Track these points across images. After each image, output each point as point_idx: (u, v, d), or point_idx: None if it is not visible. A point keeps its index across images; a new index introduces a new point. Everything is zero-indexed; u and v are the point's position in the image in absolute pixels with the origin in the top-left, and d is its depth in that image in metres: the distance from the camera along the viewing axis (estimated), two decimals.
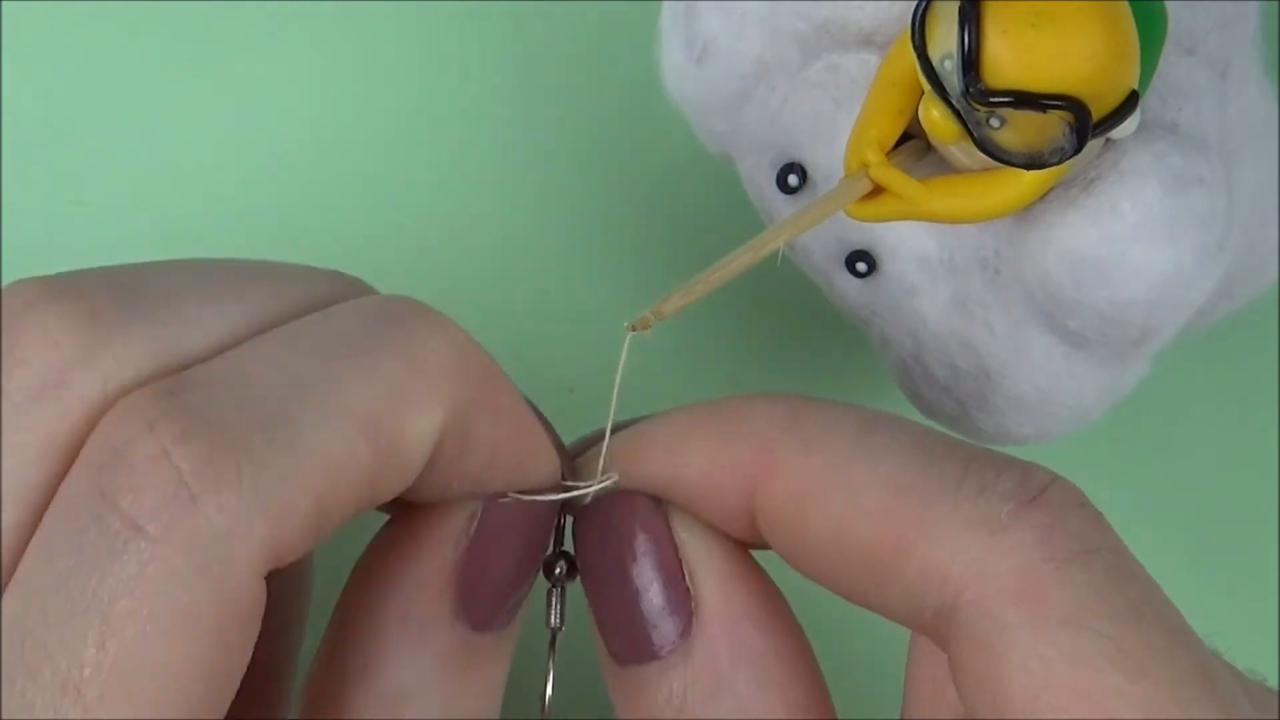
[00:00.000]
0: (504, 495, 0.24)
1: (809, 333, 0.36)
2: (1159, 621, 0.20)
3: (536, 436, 0.24)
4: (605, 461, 0.25)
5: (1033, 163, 0.25)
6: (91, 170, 0.36)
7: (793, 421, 0.23)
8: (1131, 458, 0.37)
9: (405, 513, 0.25)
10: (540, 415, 0.25)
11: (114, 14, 0.36)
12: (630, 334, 0.24)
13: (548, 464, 0.25)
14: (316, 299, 0.24)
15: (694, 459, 0.24)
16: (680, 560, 0.24)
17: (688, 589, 0.24)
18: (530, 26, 0.37)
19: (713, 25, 0.29)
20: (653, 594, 0.24)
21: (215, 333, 0.23)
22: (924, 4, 0.25)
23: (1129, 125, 0.26)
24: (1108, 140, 0.26)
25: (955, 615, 0.21)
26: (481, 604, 0.24)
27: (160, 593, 0.20)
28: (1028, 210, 0.27)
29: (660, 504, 0.24)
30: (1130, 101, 0.25)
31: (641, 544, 0.24)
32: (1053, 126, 0.24)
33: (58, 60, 0.36)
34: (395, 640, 0.24)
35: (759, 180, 0.30)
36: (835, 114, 0.28)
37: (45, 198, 0.36)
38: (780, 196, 0.29)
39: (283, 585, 0.25)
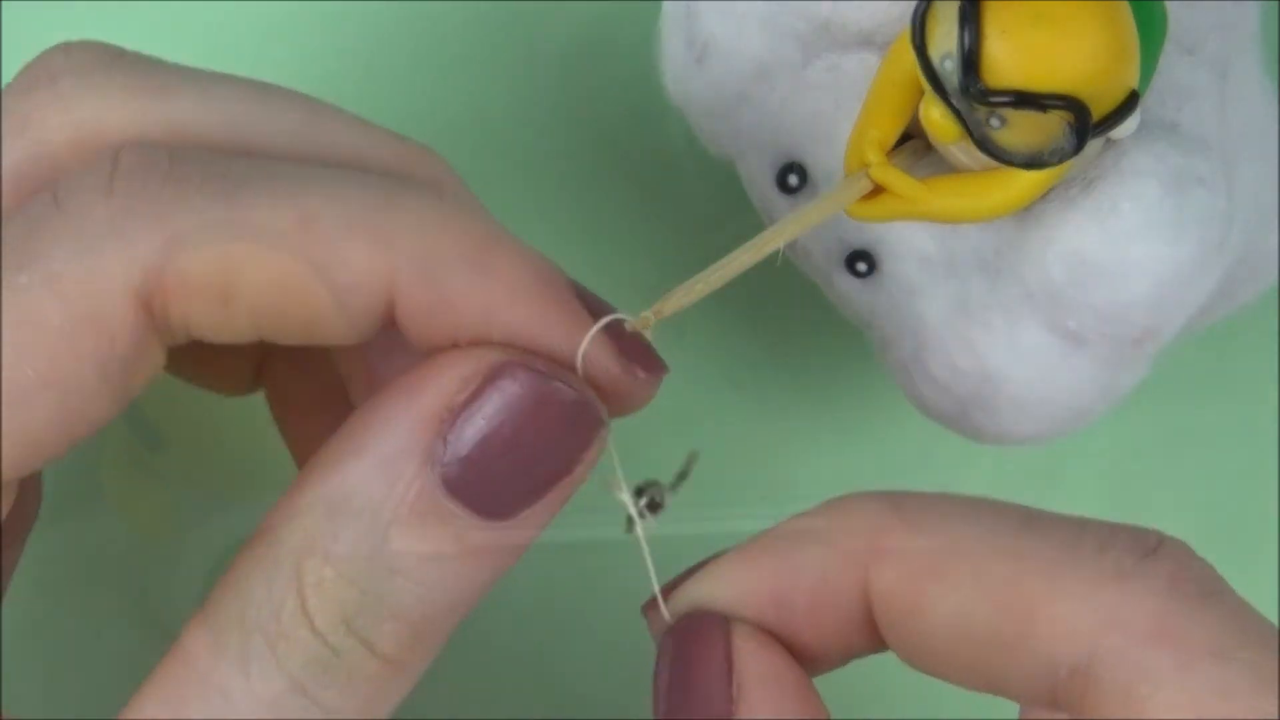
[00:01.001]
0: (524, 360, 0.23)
1: (809, 333, 0.36)
2: None
3: (550, 306, 0.24)
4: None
5: (1033, 163, 0.25)
6: None
7: (895, 508, 0.23)
8: (1131, 458, 0.37)
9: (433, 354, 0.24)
10: (587, 297, 0.24)
11: (116, 14, 0.36)
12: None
13: (564, 338, 0.24)
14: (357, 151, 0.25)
15: (808, 565, 0.24)
16: (730, 672, 0.23)
17: (730, 699, 0.23)
18: (530, 26, 0.37)
19: (713, 25, 0.29)
20: (694, 702, 0.23)
21: (227, 115, 0.24)
22: (924, 4, 0.25)
23: (1129, 125, 0.26)
24: (1108, 140, 0.26)
25: (1093, 668, 0.21)
26: (464, 472, 0.23)
27: (47, 255, 0.22)
28: (1028, 210, 0.27)
29: (726, 621, 0.24)
30: (1130, 101, 0.25)
31: (697, 660, 0.24)
32: (1053, 126, 0.24)
33: None
34: (362, 457, 0.23)
35: (759, 180, 0.30)
36: (835, 114, 0.28)
37: None
38: (780, 196, 0.30)
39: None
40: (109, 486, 0.35)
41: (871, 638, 0.24)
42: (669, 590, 0.24)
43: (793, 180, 0.29)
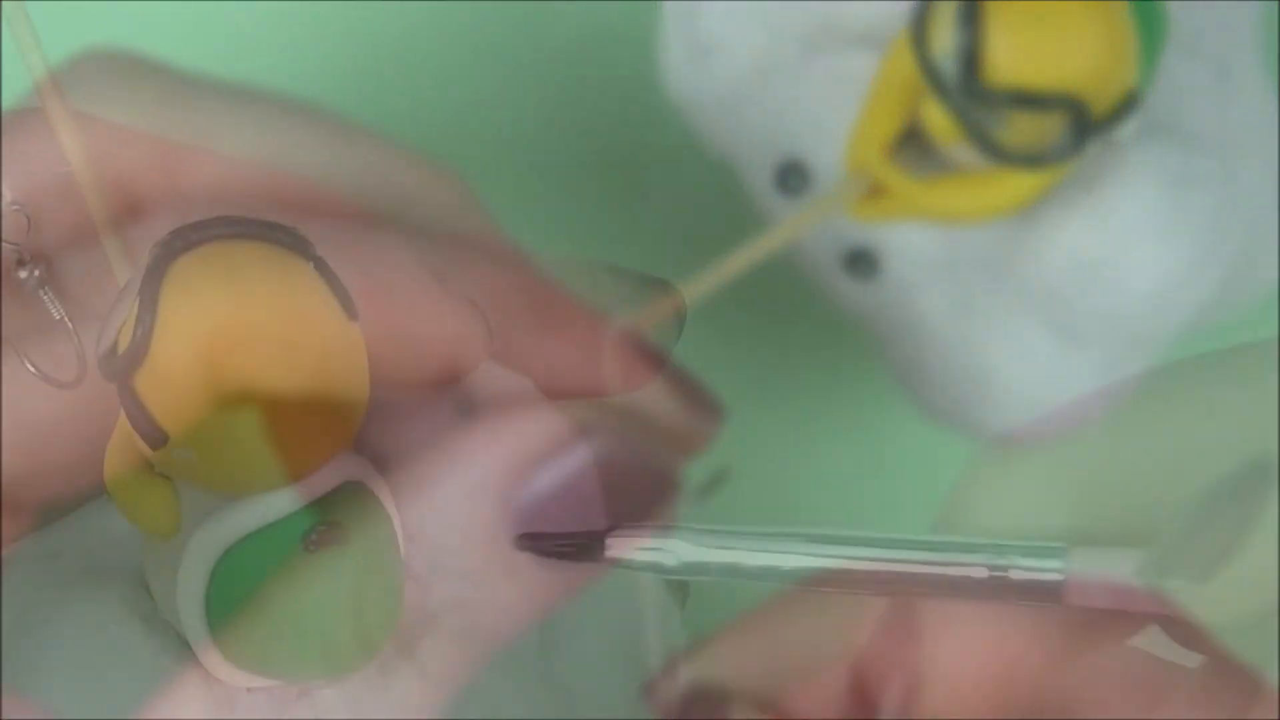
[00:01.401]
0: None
1: (809, 333, 0.36)
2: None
3: (612, 357, 0.24)
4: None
5: (1033, 163, 0.25)
6: None
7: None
8: (1130, 457, 0.37)
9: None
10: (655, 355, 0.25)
11: (114, 13, 0.36)
12: None
13: (628, 385, 0.24)
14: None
15: (799, 638, 0.24)
16: None
17: None
18: (530, 26, 0.37)
19: (713, 25, 0.29)
20: None
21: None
22: (924, 4, 0.25)
23: (1129, 126, 0.26)
24: (1108, 140, 0.26)
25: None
26: (533, 520, 0.23)
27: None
28: (1028, 210, 0.27)
29: (724, 699, 0.25)
30: (1130, 102, 0.25)
31: None
32: (1053, 126, 0.25)
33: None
34: (436, 488, 0.23)
35: (759, 180, 0.30)
36: (835, 114, 0.28)
37: None
38: (780, 196, 0.30)
39: None
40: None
41: (865, 706, 0.24)
42: (668, 670, 0.25)
43: (793, 180, 0.29)
